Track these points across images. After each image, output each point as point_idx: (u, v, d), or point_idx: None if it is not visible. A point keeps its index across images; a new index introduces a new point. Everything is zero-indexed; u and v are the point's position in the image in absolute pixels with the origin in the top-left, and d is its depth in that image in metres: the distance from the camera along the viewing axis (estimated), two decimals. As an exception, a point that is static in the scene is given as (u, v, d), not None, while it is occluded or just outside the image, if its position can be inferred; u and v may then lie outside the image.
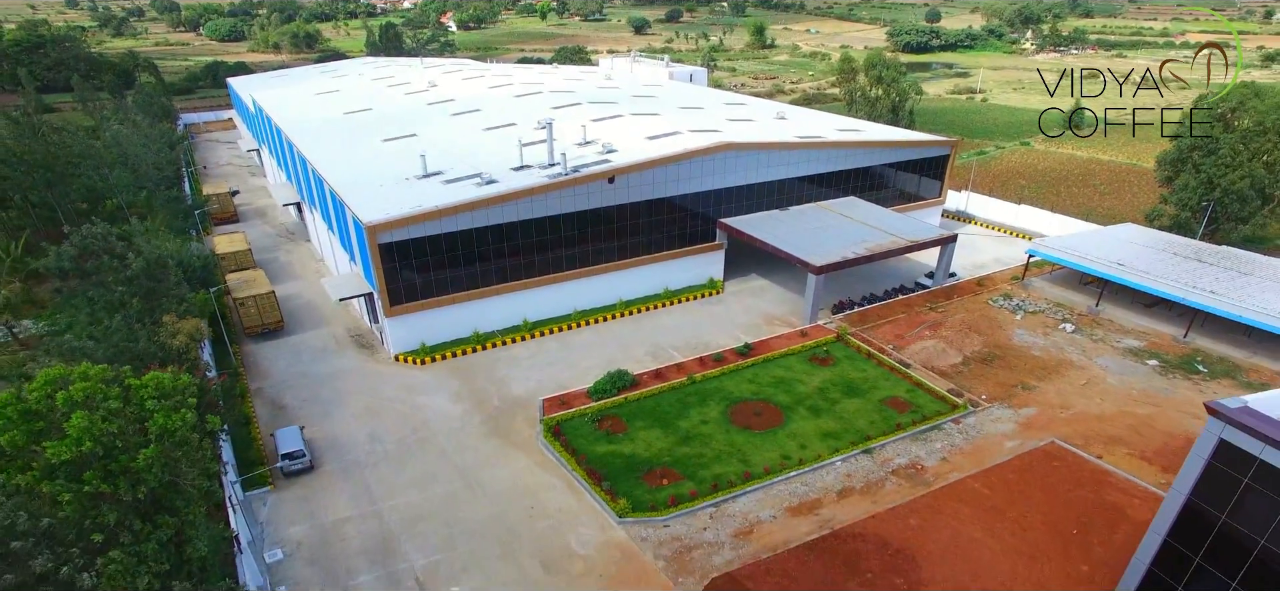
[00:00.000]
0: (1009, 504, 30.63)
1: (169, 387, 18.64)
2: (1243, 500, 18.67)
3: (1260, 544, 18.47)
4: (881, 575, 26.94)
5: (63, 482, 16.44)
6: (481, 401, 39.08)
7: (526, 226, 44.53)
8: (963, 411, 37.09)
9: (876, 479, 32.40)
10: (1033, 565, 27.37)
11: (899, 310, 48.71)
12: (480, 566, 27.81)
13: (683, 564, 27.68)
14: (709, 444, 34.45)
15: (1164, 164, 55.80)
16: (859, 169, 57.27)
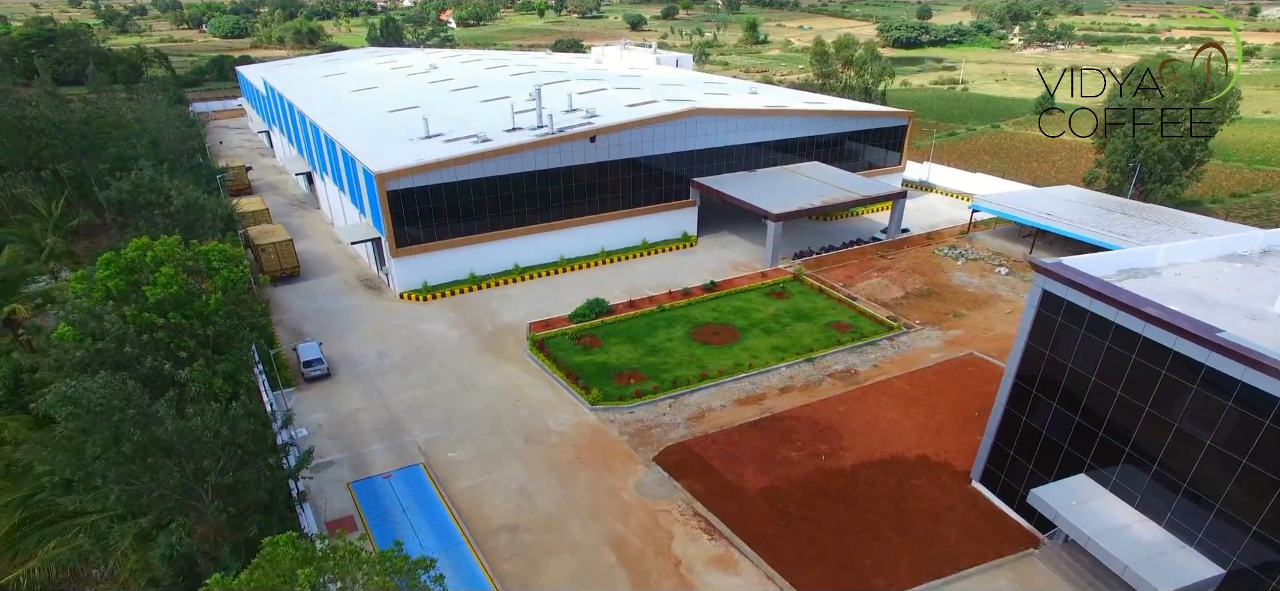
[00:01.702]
0: (924, 396, 36.06)
1: (230, 253, 24.02)
2: (1059, 337, 24.11)
3: (1068, 367, 23.92)
4: (809, 442, 32.37)
5: (156, 316, 21.79)
6: (476, 327, 44.52)
7: (517, 179, 49.96)
8: (897, 331, 42.51)
9: (815, 380, 37.83)
10: (936, 436, 32.78)
11: (852, 257, 54.17)
12: (473, 439, 33.23)
13: (643, 438, 33.10)
14: (672, 355, 39.88)
15: (1098, 131, 61.27)
16: (823, 137, 62.68)
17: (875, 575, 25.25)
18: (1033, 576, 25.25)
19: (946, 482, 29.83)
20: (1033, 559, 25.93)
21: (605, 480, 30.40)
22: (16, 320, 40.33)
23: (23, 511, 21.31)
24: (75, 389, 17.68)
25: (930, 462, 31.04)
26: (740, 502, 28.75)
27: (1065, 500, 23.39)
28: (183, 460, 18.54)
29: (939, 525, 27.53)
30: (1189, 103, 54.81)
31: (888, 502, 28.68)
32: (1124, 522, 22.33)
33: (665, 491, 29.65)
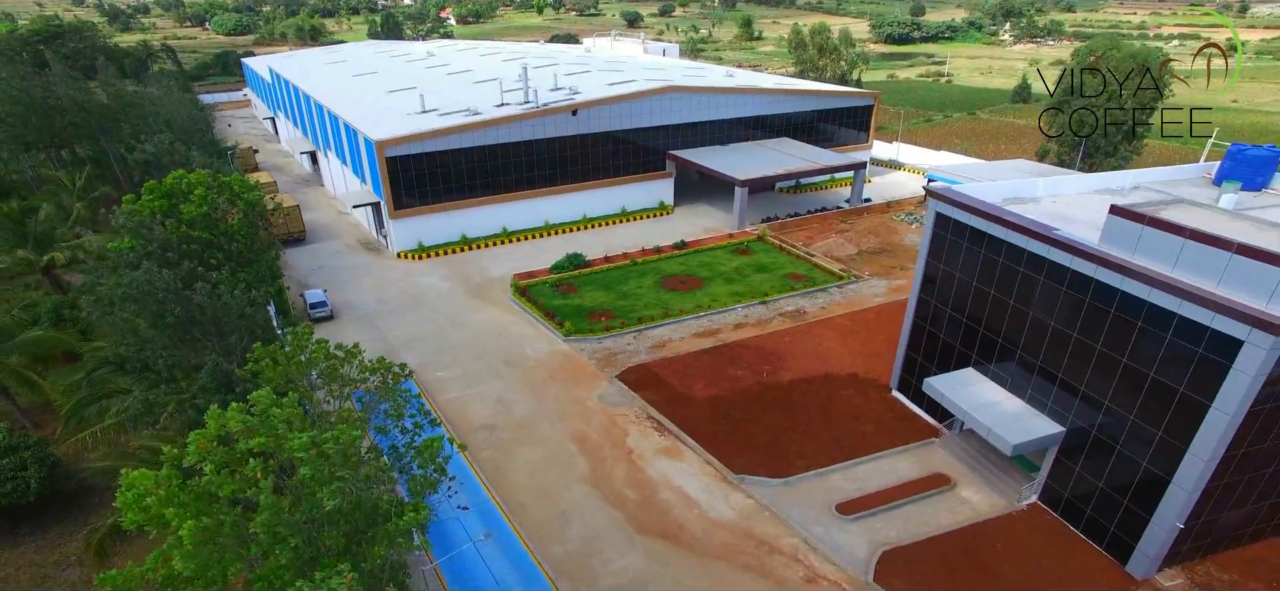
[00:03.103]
0: (863, 329, 40.53)
1: (248, 182, 28.53)
2: (948, 251, 28.57)
3: (956, 276, 28.39)
4: (754, 364, 36.86)
5: (191, 230, 26.33)
6: (465, 279, 49.05)
7: (505, 149, 54.46)
8: (847, 281, 46.97)
9: (767, 318, 42.31)
10: (867, 360, 37.22)
11: (815, 222, 58.66)
12: (459, 363, 37.76)
13: (609, 362, 37.59)
14: (641, 299, 44.37)
15: (1046, 115, 65.74)
16: (793, 115, 67.07)
17: (798, 458, 29.72)
18: (931, 458, 29.74)
19: (870, 393, 34.30)
20: (933, 445, 30.42)
21: (572, 392, 34.92)
22: (52, 270, 44.99)
23: (85, 389, 25.84)
24: (130, 277, 22.07)
25: (859, 379, 35.51)
26: (689, 408, 33.23)
27: (951, 386, 27.87)
28: (214, 335, 22.98)
29: (858, 423, 32.00)
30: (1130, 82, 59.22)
31: (816, 408, 33.15)
32: (995, 400, 26.80)
33: (624, 400, 34.16)
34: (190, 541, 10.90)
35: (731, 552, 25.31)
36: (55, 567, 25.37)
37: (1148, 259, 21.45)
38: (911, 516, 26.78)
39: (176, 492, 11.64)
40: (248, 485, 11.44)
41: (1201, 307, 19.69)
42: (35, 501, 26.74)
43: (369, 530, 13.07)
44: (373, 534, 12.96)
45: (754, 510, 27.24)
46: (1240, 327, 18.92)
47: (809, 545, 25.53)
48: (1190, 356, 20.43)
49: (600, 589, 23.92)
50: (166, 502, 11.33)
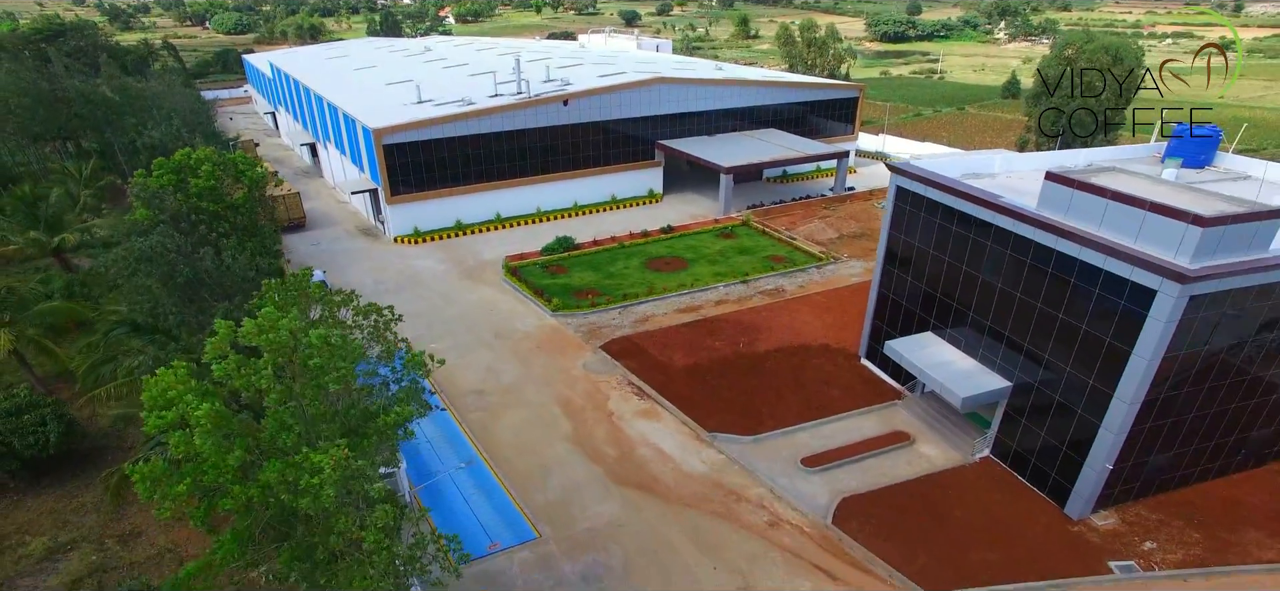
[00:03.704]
0: (837, 305, 42.44)
1: (252, 159, 30.44)
2: (908, 221, 30.48)
3: (916, 245, 30.32)
4: (732, 336, 38.78)
5: (198, 202, 28.27)
6: (459, 262, 50.97)
7: (498, 137, 56.37)
8: (826, 262, 48.88)
9: (747, 296, 44.22)
10: (840, 332, 39.12)
11: (798, 209, 60.57)
12: (451, 336, 39.69)
13: (593, 334, 39.51)
14: (627, 279, 46.28)
15: (1027, 100, 67.72)
16: (779, 107, 68.98)
17: (768, 418, 31.63)
18: (893, 417, 31.65)
19: (840, 361, 36.23)
20: (896, 406, 32.34)
21: (558, 361, 36.85)
22: (62, 253, 46.92)
23: (102, 349, 27.77)
24: (145, 240, 23.94)
25: (830, 349, 37.43)
26: (667, 375, 35.16)
27: (910, 347, 29.79)
28: (221, 296, 24.87)
29: (827, 388, 33.92)
30: (1104, 73, 61.14)
31: (789, 374, 35.07)
32: (949, 360, 28.72)
33: (607, 368, 36.08)
34: (207, 421, 12.74)
35: (701, 501, 27.22)
36: (74, 513, 27.28)
37: (1077, 220, 23.37)
38: (871, 468, 28.70)
39: (195, 385, 13.50)
40: (255, 374, 13.28)
41: (1121, 261, 21.61)
42: (55, 455, 28.63)
43: (364, 425, 14.95)
44: (366, 429, 14.83)
45: (724, 464, 29.16)
46: (1153, 278, 20.84)
47: (774, 494, 27.45)
48: (1114, 308, 22.35)
49: (578, 531, 25.81)
50: (185, 392, 13.19)
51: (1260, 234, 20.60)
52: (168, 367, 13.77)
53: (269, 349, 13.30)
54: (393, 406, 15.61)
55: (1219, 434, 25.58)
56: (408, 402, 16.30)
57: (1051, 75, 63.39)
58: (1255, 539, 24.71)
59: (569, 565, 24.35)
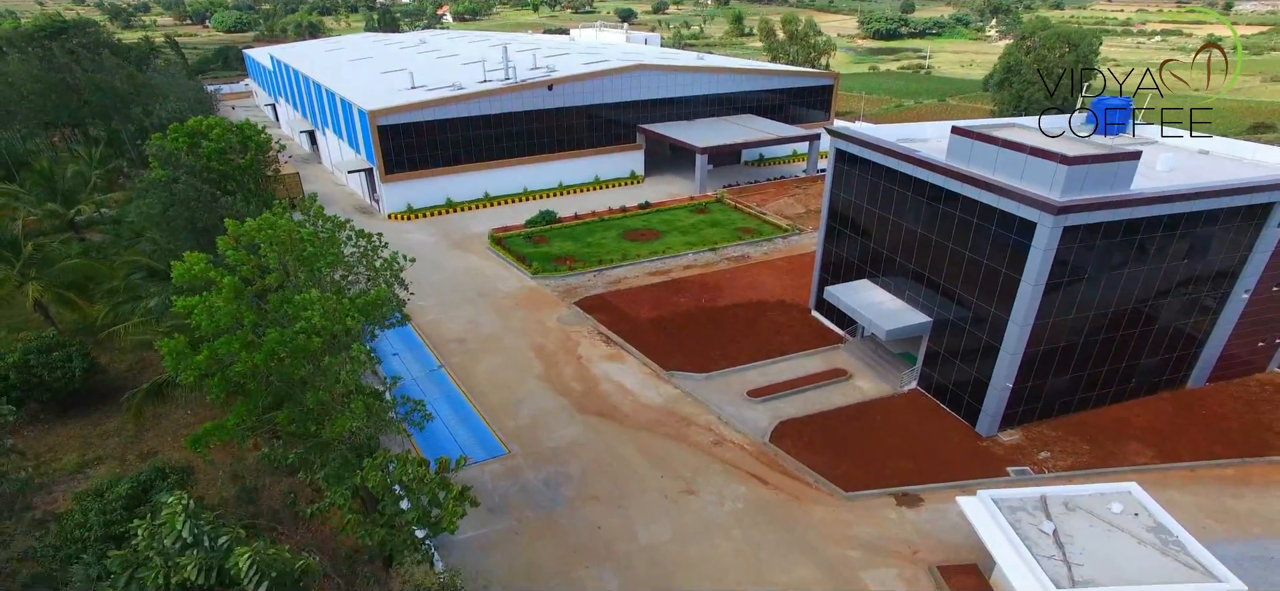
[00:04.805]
0: (796, 268, 45.75)
1: (257, 127, 33.80)
2: (846, 180, 33.85)
3: (852, 201, 33.68)
4: (696, 293, 42.14)
5: (209, 162, 31.67)
6: (448, 234, 54.34)
7: (486, 120, 59.73)
8: (791, 233, 52.24)
9: (713, 261, 47.59)
10: (796, 290, 42.40)
11: (771, 188, 63.92)
12: (437, 295, 43.05)
13: (569, 293, 42.88)
14: (604, 247, 49.64)
15: (990, 84, 71.13)
16: (757, 94, 72.31)
17: (721, 359, 34.98)
18: (834, 357, 35.02)
19: (793, 314, 39.59)
20: (838, 349, 35.70)
21: (535, 315, 40.24)
22: (76, 226, 50.30)
23: (123, 292, 31.14)
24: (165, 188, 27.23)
25: (786, 304, 40.78)
26: (633, 325, 38.52)
27: (847, 292, 33.16)
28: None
29: (778, 335, 37.27)
30: (1060, 61, 64.65)
31: (744, 324, 38.43)
32: (879, 301, 32.07)
33: (579, 320, 39.46)
34: (228, 289, 15.97)
35: (656, 425, 30.58)
36: (99, 438, 30.65)
37: (977, 167, 26.73)
38: (810, 399, 32.05)
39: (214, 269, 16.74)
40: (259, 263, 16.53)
41: (1009, 199, 24.98)
42: (79, 390, 32.00)
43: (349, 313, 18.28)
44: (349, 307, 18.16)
45: (679, 397, 32.52)
46: (1032, 212, 24.20)
47: (721, 420, 30.80)
48: (1007, 242, 25.71)
49: (543, 449, 29.17)
50: (208, 270, 16.43)
51: (1120, 173, 23.96)
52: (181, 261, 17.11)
53: (270, 242, 16.60)
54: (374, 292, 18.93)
55: (1109, 361, 28.94)
56: (387, 284, 19.66)
57: (1013, 62, 66.93)
58: (1135, 448, 28.08)
59: (533, 474, 27.71)
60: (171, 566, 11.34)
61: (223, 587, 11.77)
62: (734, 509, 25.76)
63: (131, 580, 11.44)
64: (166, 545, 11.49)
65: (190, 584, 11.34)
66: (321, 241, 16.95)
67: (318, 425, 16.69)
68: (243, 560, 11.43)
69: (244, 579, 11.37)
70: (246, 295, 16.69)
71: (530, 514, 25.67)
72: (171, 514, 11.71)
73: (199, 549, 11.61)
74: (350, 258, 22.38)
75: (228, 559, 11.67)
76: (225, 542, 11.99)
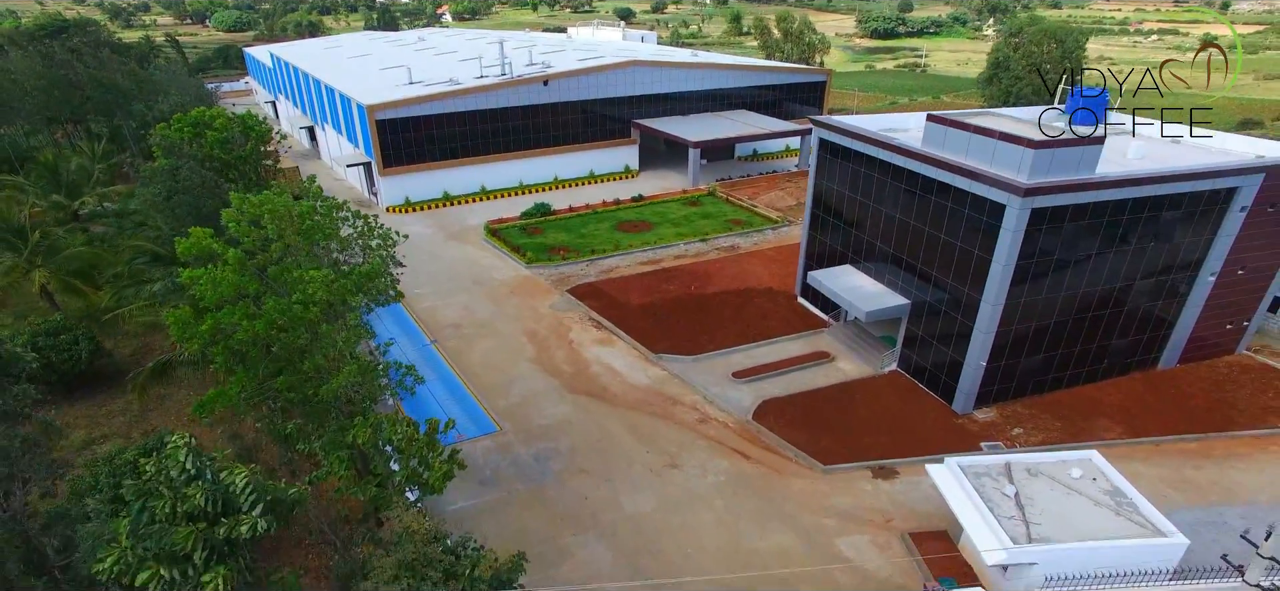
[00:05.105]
0: (784, 258, 46.74)
1: (257, 118, 34.83)
2: (829, 169, 34.88)
3: (835, 189, 34.70)
4: (685, 281, 43.18)
5: (212, 152, 32.72)
6: (445, 226, 55.38)
7: (483, 115, 60.76)
8: (780, 224, 53.26)
9: (704, 251, 48.62)
10: (784, 279, 43.45)
11: (763, 181, 64.99)
12: (434, 284, 44.08)
13: (562, 281, 43.92)
14: (597, 238, 50.67)
15: (981, 82, 72.13)
16: (750, 90, 73.29)
17: (708, 343, 36.01)
18: (818, 341, 36.04)
19: (780, 300, 40.62)
20: (822, 333, 36.73)
21: (529, 302, 41.27)
22: (80, 215, 51.31)
23: (126, 277, 32.18)
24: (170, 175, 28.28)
25: (773, 292, 41.81)
26: (624, 311, 39.55)
27: (830, 277, 34.19)
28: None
29: (765, 320, 38.30)
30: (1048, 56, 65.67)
31: (732, 310, 39.46)
32: (860, 285, 33.11)
33: (571, 307, 40.50)
34: (233, 261, 16.98)
35: (643, 404, 31.61)
36: (105, 417, 31.68)
37: (950, 152, 27.76)
38: (794, 380, 33.08)
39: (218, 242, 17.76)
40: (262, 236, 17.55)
41: (981, 183, 26.01)
42: (85, 372, 33.03)
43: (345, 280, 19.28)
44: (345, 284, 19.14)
45: (666, 378, 33.56)
46: (1002, 194, 25.23)
47: (706, 399, 31.83)
48: (979, 224, 26.74)
49: (534, 426, 30.20)
50: (214, 244, 17.45)
51: (1085, 158, 24.98)
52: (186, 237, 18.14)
53: (272, 216, 17.63)
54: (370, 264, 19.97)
55: (1080, 342, 29.97)
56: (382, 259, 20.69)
57: (1001, 58, 67.93)
58: (1104, 425, 29.11)
59: (524, 449, 28.75)
60: (179, 496, 12.33)
61: (227, 515, 12.79)
62: (716, 481, 26.78)
63: (143, 509, 12.43)
64: (173, 476, 12.49)
65: (197, 511, 12.36)
66: (320, 215, 17.96)
67: (314, 388, 17.70)
68: (239, 478, 12.48)
69: (240, 497, 12.40)
70: (250, 268, 17.72)
71: (520, 486, 26.70)
72: (175, 448, 12.74)
73: (202, 480, 12.64)
74: (348, 237, 23.35)
75: (227, 478, 12.70)
76: (226, 474, 13.03)
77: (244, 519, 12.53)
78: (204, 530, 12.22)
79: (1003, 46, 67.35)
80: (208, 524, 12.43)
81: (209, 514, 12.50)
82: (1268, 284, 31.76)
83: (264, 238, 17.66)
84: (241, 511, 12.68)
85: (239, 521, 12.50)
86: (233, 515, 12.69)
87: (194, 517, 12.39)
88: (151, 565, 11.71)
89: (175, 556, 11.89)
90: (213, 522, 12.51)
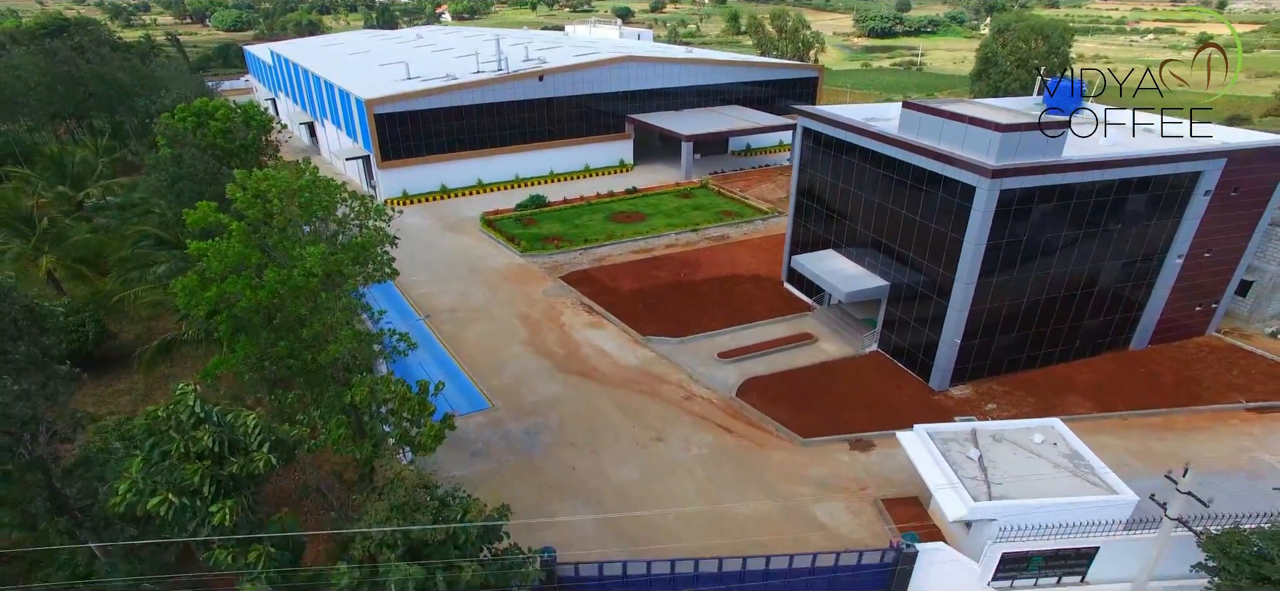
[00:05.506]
0: (773, 246, 47.81)
1: (258, 108, 36.00)
2: (812, 156, 36.00)
3: (817, 176, 35.82)
4: (675, 268, 44.29)
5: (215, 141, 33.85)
6: (442, 218, 56.49)
7: (479, 109, 61.88)
8: (770, 215, 54.37)
9: (694, 241, 49.73)
10: (771, 266, 44.54)
11: (755, 175, 66.09)
12: (430, 271, 45.19)
13: (555, 269, 45.03)
14: (591, 228, 51.76)
15: (970, 78, 73.26)
16: (743, 85, 74.38)
17: (695, 326, 37.11)
18: (802, 324, 37.15)
19: (766, 286, 41.74)
20: (806, 317, 37.84)
21: (522, 288, 42.39)
22: (83, 206, 52.42)
23: (134, 261, 33.32)
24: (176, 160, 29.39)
25: (760, 278, 42.92)
26: (615, 296, 40.66)
27: (812, 260, 35.30)
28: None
29: (751, 304, 39.41)
30: (1034, 51, 66.81)
31: (720, 295, 40.57)
32: (841, 267, 34.23)
33: (563, 293, 41.61)
34: (238, 232, 18.07)
35: (631, 383, 32.72)
36: (112, 396, 32.79)
37: (924, 137, 28.88)
38: (777, 360, 34.19)
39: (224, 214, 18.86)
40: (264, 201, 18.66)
41: (953, 166, 27.12)
42: (92, 353, 34.13)
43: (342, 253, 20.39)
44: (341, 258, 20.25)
45: (654, 359, 34.67)
46: (972, 176, 26.34)
47: (692, 378, 32.94)
48: (951, 206, 27.85)
49: (525, 403, 31.31)
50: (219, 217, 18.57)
51: (1051, 142, 26.10)
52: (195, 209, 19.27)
53: (273, 190, 18.75)
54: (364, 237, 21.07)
55: (1053, 322, 31.08)
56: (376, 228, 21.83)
57: (989, 54, 69.07)
58: (1075, 401, 30.23)
59: (515, 424, 29.86)
60: (188, 437, 13.42)
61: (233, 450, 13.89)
62: (699, 453, 27.89)
63: (154, 447, 13.52)
64: (182, 420, 13.60)
65: (205, 450, 13.44)
66: (319, 189, 19.09)
67: (313, 355, 18.78)
68: (250, 420, 13.59)
69: (251, 437, 13.51)
70: (253, 241, 18.82)
71: (511, 458, 27.81)
72: (184, 392, 13.85)
73: (209, 423, 13.74)
74: (345, 216, 24.43)
75: (236, 422, 13.82)
76: (233, 417, 14.14)
77: (257, 455, 13.66)
78: (210, 467, 13.34)
79: (991, 43, 68.55)
80: (214, 462, 13.55)
81: (216, 453, 13.61)
82: (1234, 267, 32.88)
83: (267, 210, 18.76)
84: (252, 451, 13.80)
85: (252, 458, 13.62)
86: (241, 454, 13.81)
87: (201, 457, 13.49)
88: (162, 492, 12.81)
89: (184, 488, 13.00)
90: (219, 461, 13.63)
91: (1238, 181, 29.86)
